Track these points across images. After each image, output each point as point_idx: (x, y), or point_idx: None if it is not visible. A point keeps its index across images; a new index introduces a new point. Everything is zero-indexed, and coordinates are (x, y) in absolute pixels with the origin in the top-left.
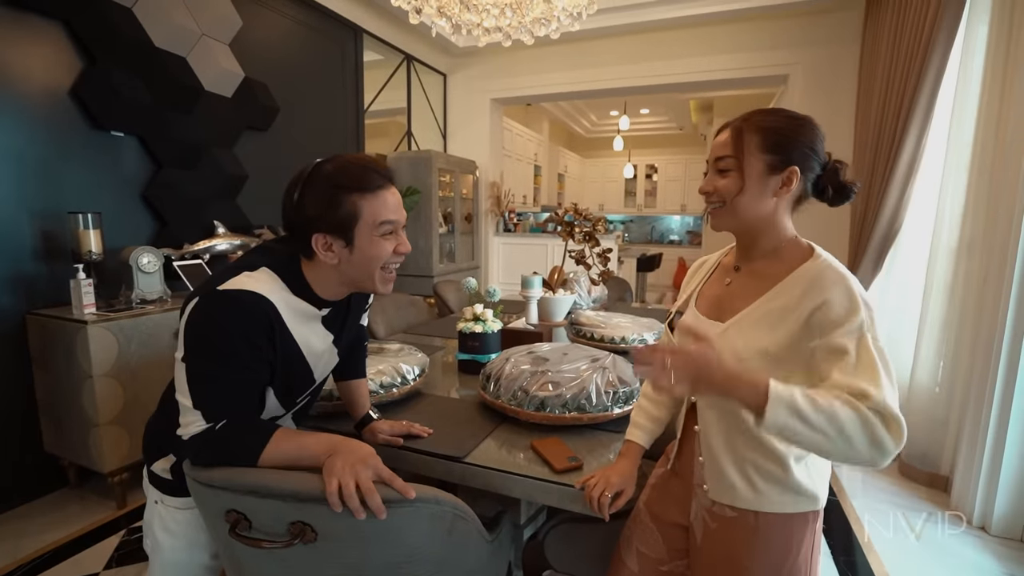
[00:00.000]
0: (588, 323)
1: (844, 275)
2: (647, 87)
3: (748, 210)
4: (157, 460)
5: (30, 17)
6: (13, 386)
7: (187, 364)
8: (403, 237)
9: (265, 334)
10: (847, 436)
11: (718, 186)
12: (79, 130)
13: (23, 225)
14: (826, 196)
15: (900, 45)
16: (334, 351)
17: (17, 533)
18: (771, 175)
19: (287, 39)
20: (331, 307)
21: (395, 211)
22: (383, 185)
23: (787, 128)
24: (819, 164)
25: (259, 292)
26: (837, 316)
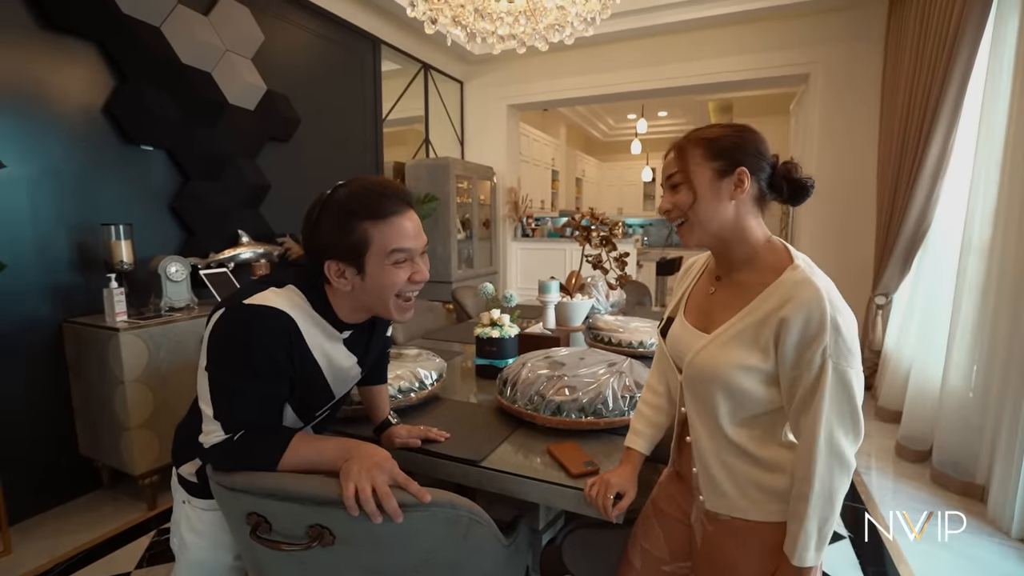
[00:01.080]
0: (606, 328)
1: (818, 289)
2: (664, 89)
3: (710, 218)
4: (184, 464)
5: (67, 40)
6: (51, 391)
7: (210, 374)
8: (420, 264)
9: (284, 349)
10: (834, 500)
11: (674, 201)
12: (112, 145)
13: (60, 237)
14: (783, 194)
15: (926, 39)
16: (358, 370)
17: (55, 532)
18: (721, 179)
19: (307, 52)
20: (352, 329)
21: (409, 238)
22: (396, 211)
23: (727, 135)
24: (767, 164)
25: (281, 308)
26: (800, 337)
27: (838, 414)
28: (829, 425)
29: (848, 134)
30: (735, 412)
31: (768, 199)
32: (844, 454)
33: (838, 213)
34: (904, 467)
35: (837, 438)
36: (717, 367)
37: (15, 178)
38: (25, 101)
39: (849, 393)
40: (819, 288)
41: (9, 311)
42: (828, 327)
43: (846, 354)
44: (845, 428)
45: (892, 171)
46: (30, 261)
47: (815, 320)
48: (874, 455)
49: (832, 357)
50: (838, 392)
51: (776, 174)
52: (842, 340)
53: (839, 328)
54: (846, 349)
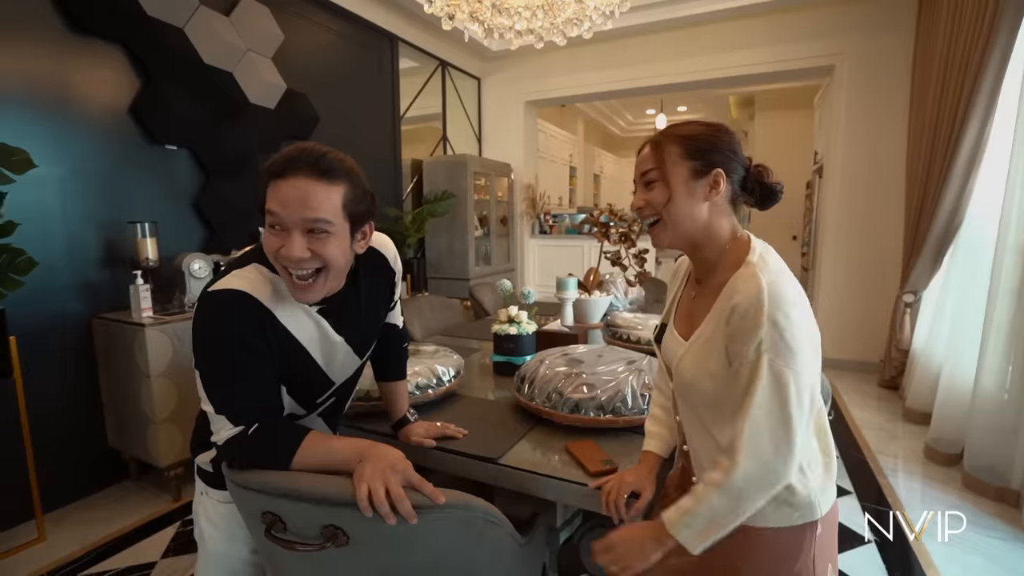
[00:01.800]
0: (624, 325)
1: (758, 282)
2: (684, 84)
3: (683, 218)
4: (201, 453)
5: (94, 42)
6: (81, 385)
7: (198, 371)
8: (290, 239)
9: (253, 329)
10: (739, 504)
11: (648, 199)
12: (138, 145)
13: (89, 235)
14: (755, 197)
15: (961, 25)
16: (349, 350)
17: (86, 521)
18: (697, 180)
19: (326, 50)
20: (326, 303)
21: (279, 204)
22: (286, 174)
23: (705, 134)
24: (741, 166)
25: (242, 290)
26: (737, 328)
27: (767, 413)
28: (755, 424)
29: (875, 127)
30: (717, 419)
31: (740, 200)
32: (766, 462)
33: (864, 208)
34: (934, 470)
35: (760, 441)
36: (694, 376)
37: (47, 178)
38: (56, 103)
39: (783, 395)
40: (760, 281)
41: (42, 307)
42: (764, 321)
43: (784, 352)
44: (773, 432)
45: (922, 164)
46: (61, 258)
47: (751, 313)
48: (901, 457)
49: (767, 352)
50: (770, 390)
51: (749, 176)
52: (781, 336)
53: (777, 323)
54: (785, 347)
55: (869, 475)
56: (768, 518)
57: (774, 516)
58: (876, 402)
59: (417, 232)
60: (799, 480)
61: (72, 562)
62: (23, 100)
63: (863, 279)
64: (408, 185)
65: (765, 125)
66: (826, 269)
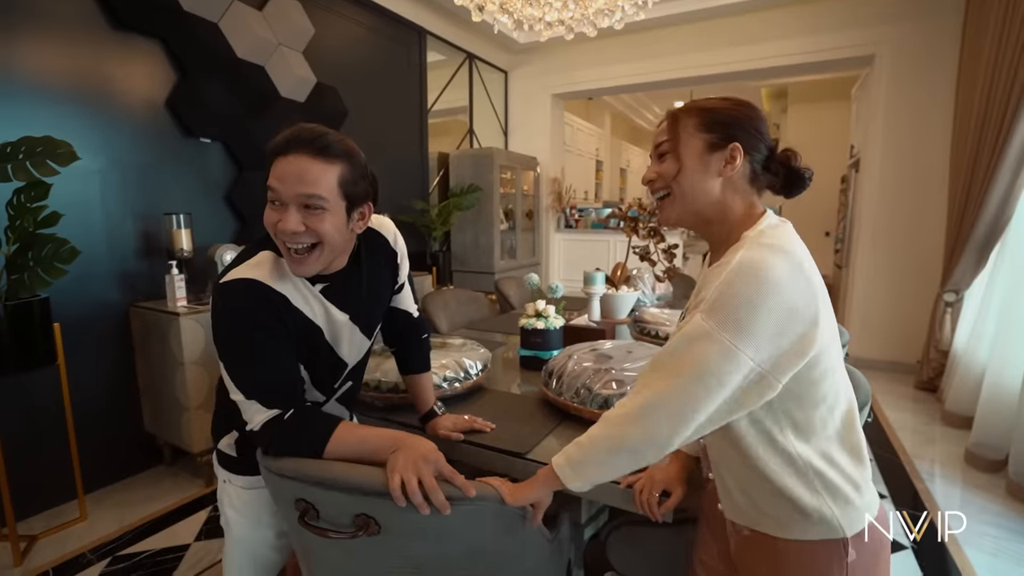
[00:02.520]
0: (652, 321)
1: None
2: (715, 76)
3: (693, 192)
4: (223, 437)
5: (133, 38)
6: (119, 371)
7: (223, 363)
8: (287, 213)
9: (272, 315)
10: (616, 450)
11: (659, 171)
12: (173, 138)
13: (127, 226)
14: (779, 181)
15: (1016, 12)
16: (355, 329)
17: (122, 503)
18: (711, 153)
19: (355, 44)
20: (328, 281)
21: (278, 179)
22: (287, 152)
23: (725, 108)
24: (765, 146)
25: (253, 278)
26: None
27: (677, 375)
28: (664, 383)
29: (917, 119)
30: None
31: (762, 181)
32: (654, 423)
33: (903, 204)
34: (975, 476)
35: (656, 398)
36: None
37: (88, 170)
38: (97, 97)
39: (700, 366)
40: (736, 256)
41: (83, 295)
42: (719, 282)
43: (723, 319)
44: (670, 396)
45: (968, 158)
46: (101, 248)
47: (712, 282)
48: (939, 461)
49: (705, 313)
50: (687, 347)
51: (773, 159)
52: (726, 301)
53: (730, 285)
54: (727, 314)
55: (904, 478)
56: (786, 528)
57: (791, 528)
58: (912, 404)
59: (443, 225)
60: (806, 490)
61: (111, 541)
62: (67, 95)
63: (900, 277)
64: (434, 178)
65: (798, 118)
66: (861, 266)
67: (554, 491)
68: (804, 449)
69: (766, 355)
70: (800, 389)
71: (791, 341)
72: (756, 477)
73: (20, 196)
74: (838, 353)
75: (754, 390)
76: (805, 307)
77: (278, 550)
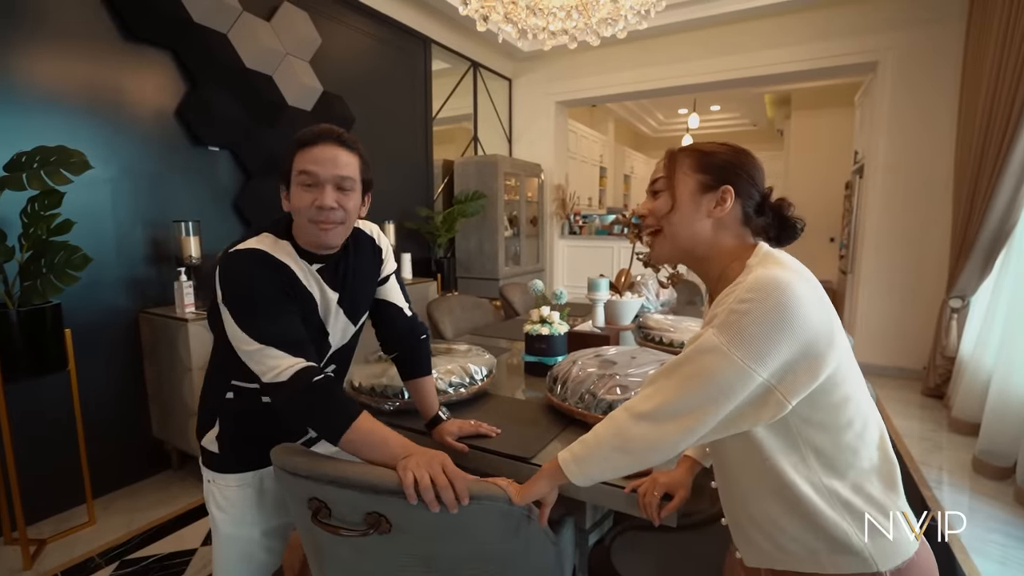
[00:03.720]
0: (656, 327)
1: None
2: (719, 83)
3: (682, 230)
4: (206, 434)
5: (144, 49)
6: (128, 377)
7: (236, 321)
8: (326, 192)
9: (278, 282)
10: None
11: (651, 207)
12: (183, 146)
13: (137, 233)
14: (771, 229)
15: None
16: (340, 311)
17: (130, 508)
18: (703, 194)
19: (361, 53)
20: (323, 263)
21: (315, 163)
22: (318, 142)
23: (721, 151)
24: (757, 192)
25: (260, 248)
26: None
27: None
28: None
29: (921, 125)
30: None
31: (754, 225)
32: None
33: (908, 210)
34: (983, 484)
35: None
36: None
37: (99, 178)
38: (109, 107)
39: (707, 376)
40: (750, 274)
41: (94, 302)
42: (731, 301)
43: (729, 332)
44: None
45: (972, 164)
46: (111, 255)
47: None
48: (947, 468)
49: (717, 328)
50: (698, 356)
51: (764, 205)
52: (739, 317)
53: (743, 302)
54: (733, 329)
55: (911, 486)
56: (809, 561)
57: (814, 558)
58: (919, 411)
59: (448, 232)
60: (831, 519)
61: (120, 545)
62: (80, 105)
63: (905, 283)
64: (439, 185)
65: (802, 124)
66: (866, 272)
67: (559, 491)
68: (830, 479)
69: (775, 370)
70: (821, 416)
71: (802, 358)
72: (780, 510)
73: (34, 204)
74: (859, 379)
75: (762, 405)
76: (819, 324)
77: (266, 550)
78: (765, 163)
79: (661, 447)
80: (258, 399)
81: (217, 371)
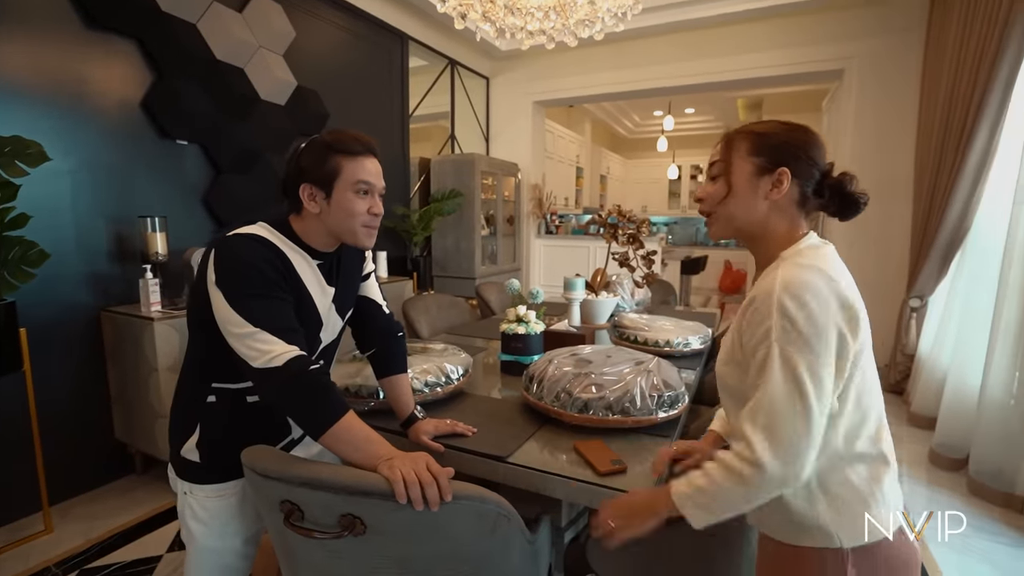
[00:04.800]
0: (631, 326)
1: (776, 276)
2: (693, 86)
3: (737, 214)
4: (184, 442)
5: (109, 37)
6: (89, 377)
7: (225, 295)
8: (377, 201)
9: (276, 268)
10: (748, 496)
11: (708, 192)
12: (148, 139)
13: (99, 228)
14: (831, 206)
15: (972, 30)
16: (332, 308)
17: (90, 515)
18: (760, 177)
19: (337, 48)
20: (323, 259)
21: (372, 175)
22: (364, 153)
23: (777, 132)
24: (817, 171)
25: (259, 234)
26: (749, 319)
27: (783, 402)
28: (770, 414)
29: (884, 131)
30: (734, 410)
31: (812, 205)
32: (781, 454)
33: (872, 213)
34: (938, 475)
35: (776, 433)
36: (721, 365)
37: (58, 171)
38: (69, 97)
39: (799, 386)
40: (777, 275)
41: (51, 299)
42: (774, 309)
43: (796, 341)
44: (788, 424)
45: (931, 169)
46: (71, 251)
47: (760, 301)
48: (906, 461)
49: (778, 342)
50: (786, 379)
51: (825, 183)
52: (791, 325)
53: (787, 312)
54: (796, 336)
55: None
56: (782, 532)
57: (787, 531)
58: None
59: (424, 230)
60: (801, 496)
61: (78, 555)
62: (38, 94)
63: (867, 283)
64: (416, 183)
65: None
66: None
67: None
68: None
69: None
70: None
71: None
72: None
73: None
74: (873, 373)
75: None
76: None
77: (245, 557)
78: None
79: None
80: (243, 400)
81: (195, 373)
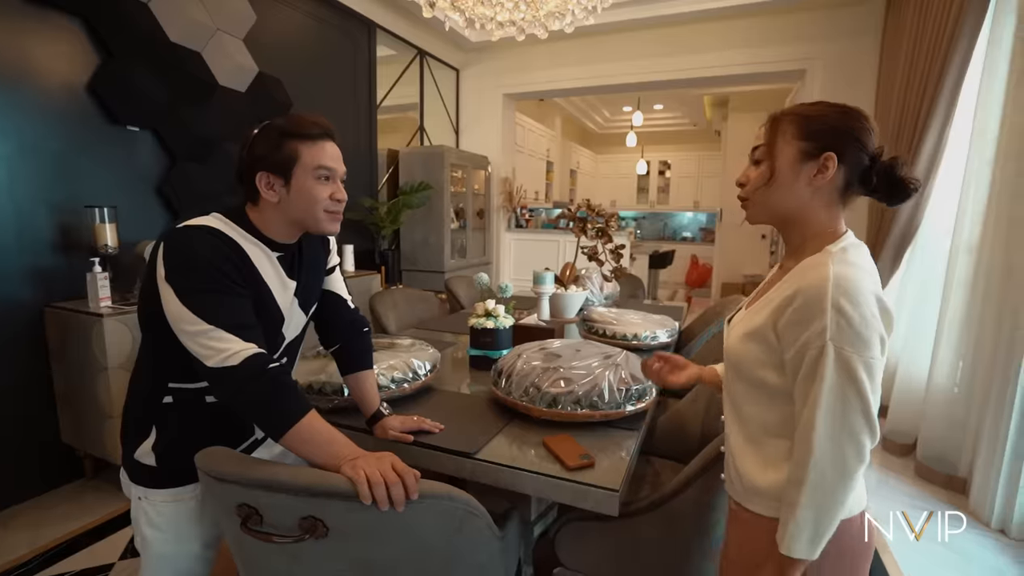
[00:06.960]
0: (600, 320)
1: (826, 272)
2: (661, 82)
3: (776, 200)
4: (139, 445)
5: (50, 13)
6: (32, 378)
7: (176, 290)
8: (339, 186)
9: (232, 262)
10: (834, 493)
11: (749, 175)
12: (96, 124)
13: (41, 218)
14: (878, 192)
15: (923, 36)
16: (295, 303)
17: (35, 523)
18: (804, 162)
19: (301, 34)
20: (283, 251)
21: (333, 160)
22: (322, 136)
23: (826, 114)
24: (867, 155)
25: (212, 226)
26: (795, 316)
27: (841, 400)
28: (830, 413)
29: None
30: (748, 397)
31: (855, 192)
32: (844, 448)
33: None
34: (889, 460)
35: (837, 429)
36: (737, 344)
37: None
38: (7, 77)
39: (856, 384)
40: (827, 270)
41: None
42: (828, 308)
43: (853, 340)
44: (852, 419)
45: None
46: (10, 243)
47: (812, 301)
48: None
49: (834, 340)
50: (841, 378)
51: (875, 168)
52: (847, 324)
53: (843, 311)
54: (853, 335)
55: None
56: (750, 501)
57: (752, 501)
58: None
59: (392, 224)
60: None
61: (20, 566)
62: None
63: None
64: (383, 176)
65: (738, 126)
66: None
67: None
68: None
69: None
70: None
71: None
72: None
73: None
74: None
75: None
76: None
77: (204, 562)
78: (703, 163)
79: (859, 469)
80: (202, 400)
81: (150, 373)
